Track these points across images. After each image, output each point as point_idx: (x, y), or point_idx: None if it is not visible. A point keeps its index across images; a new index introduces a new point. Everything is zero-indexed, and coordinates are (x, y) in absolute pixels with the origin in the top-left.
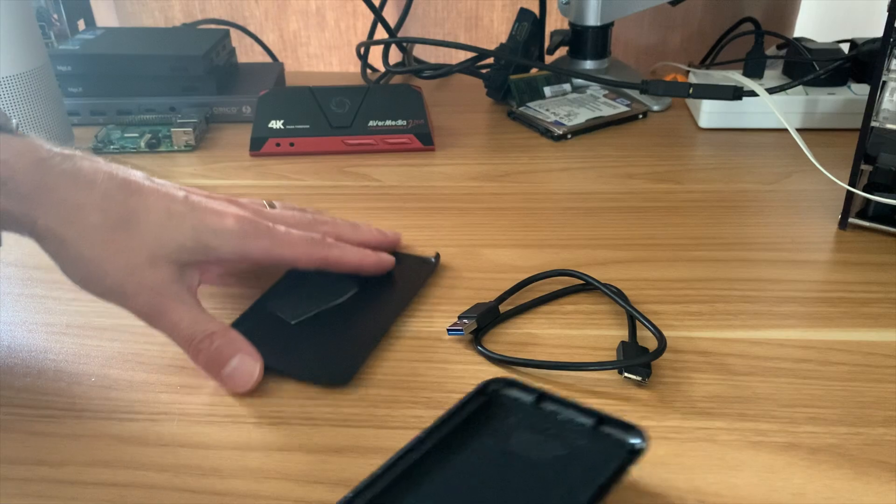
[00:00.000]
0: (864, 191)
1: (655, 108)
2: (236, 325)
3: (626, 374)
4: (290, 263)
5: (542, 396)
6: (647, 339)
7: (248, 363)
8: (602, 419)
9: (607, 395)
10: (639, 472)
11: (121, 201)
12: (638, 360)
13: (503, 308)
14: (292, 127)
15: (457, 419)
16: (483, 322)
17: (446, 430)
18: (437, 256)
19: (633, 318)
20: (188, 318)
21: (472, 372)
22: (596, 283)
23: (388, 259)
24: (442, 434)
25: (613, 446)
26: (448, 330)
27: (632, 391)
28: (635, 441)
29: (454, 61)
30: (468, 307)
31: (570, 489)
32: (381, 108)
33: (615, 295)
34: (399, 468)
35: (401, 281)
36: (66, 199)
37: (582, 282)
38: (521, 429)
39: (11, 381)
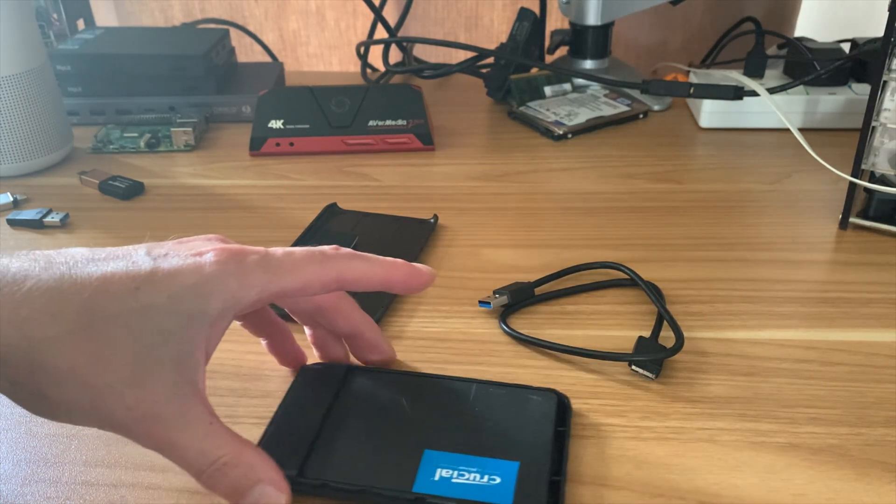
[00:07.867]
0: (864, 191)
1: (656, 107)
2: None
3: (634, 368)
4: (297, 292)
5: None
6: (666, 340)
7: (270, 495)
8: None
9: (611, 391)
10: (640, 472)
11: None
12: (647, 356)
13: (538, 292)
14: (292, 127)
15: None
16: (515, 300)
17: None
18: (436, 217)
19: (662, 318)
20: (193, 447)
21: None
22: (638, 280)
23: (424, 270)
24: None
25: None
26: (479, 302)
27: (634, 391)
28: None
29: (454, 61)
30: (468, 307)
31: None
32: (381, 107)
33: (653, 293)
34: None
35: (403, 238)
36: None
37: (624, 276)
38: None
39: None
